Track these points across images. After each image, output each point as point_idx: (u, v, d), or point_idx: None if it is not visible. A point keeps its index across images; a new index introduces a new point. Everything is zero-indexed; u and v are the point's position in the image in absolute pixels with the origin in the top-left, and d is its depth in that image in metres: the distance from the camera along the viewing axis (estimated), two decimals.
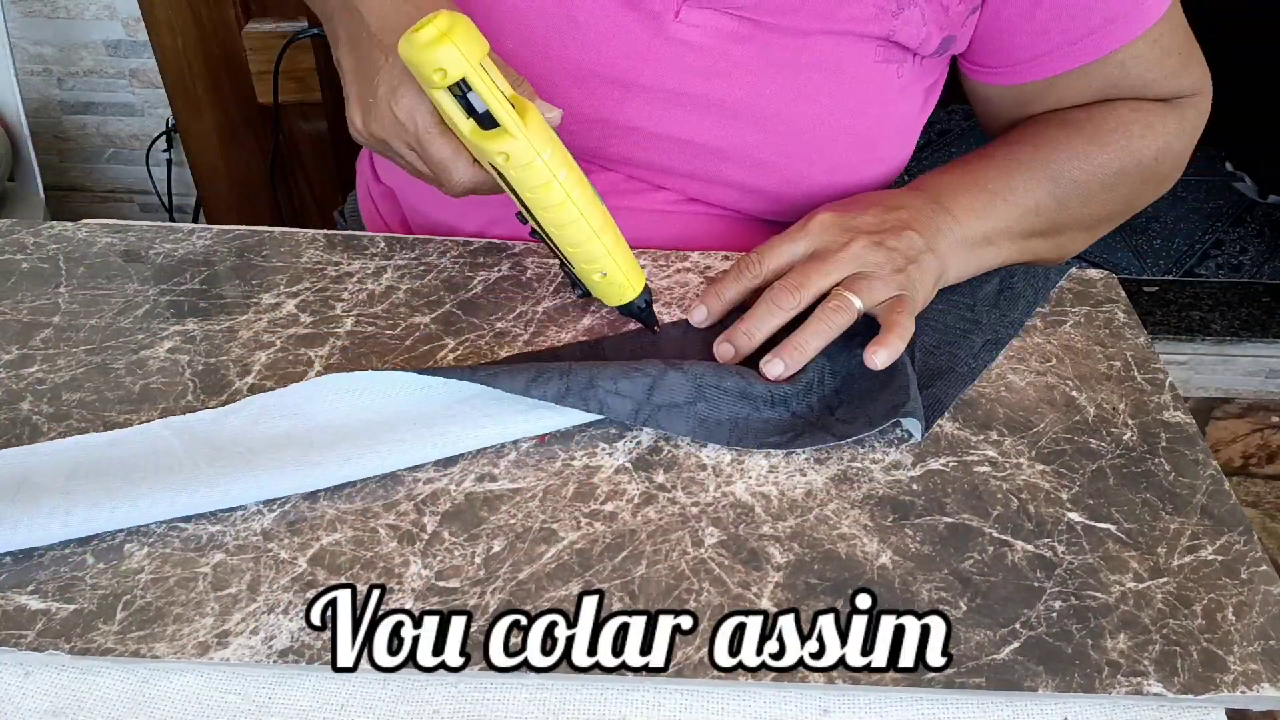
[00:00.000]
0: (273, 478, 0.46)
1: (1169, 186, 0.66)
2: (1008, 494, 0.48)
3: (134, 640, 0.41)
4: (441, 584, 0.43)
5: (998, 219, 0.60)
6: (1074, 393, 0.55)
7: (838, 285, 0.54)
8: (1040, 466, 0.50)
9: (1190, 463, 0.51)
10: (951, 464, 0.50)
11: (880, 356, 0.51)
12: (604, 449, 0.50)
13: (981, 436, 0.52)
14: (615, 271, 0.54)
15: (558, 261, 0.59)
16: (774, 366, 0.52)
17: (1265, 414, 1.69)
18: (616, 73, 0.62)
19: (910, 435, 0.51)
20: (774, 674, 0.40)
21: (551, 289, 0.61)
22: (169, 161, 1.71)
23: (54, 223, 0.66)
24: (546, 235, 0.53)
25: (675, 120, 0.63)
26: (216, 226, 0.66)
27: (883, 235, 0.55)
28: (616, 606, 0.43)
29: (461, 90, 0.46)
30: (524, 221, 0.54)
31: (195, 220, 1.74)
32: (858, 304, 0.53)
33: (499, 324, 0.58)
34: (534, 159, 0.48)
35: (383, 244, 0.64)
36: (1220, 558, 0.46)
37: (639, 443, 0.51)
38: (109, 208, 1.79)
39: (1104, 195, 0.63)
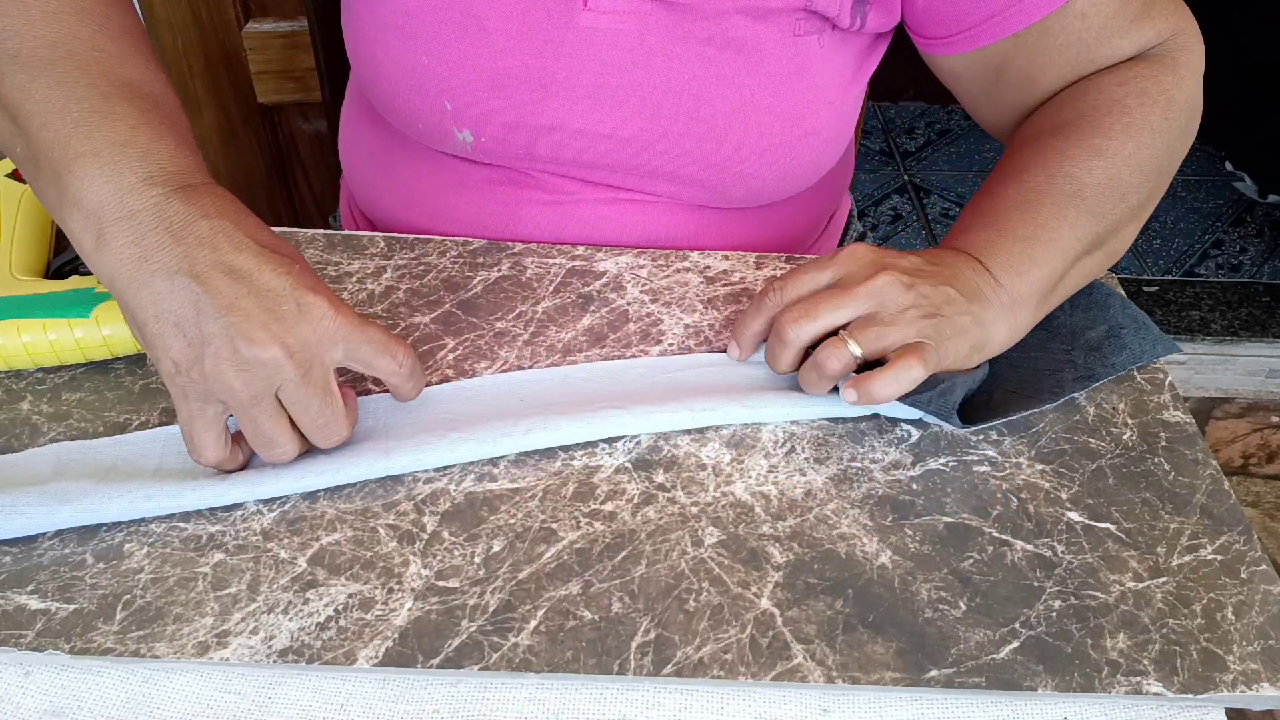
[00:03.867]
0: (350, 464, 0.48)
1: (1193, 135, 0.61)
2: (1007, 494, 0.48)
3: (134, 640, 0.41)
4: (441, 584, 0.43)
5: (1039, 266, 0.53)
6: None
7: (845, 327, 0.50)
8: (1040, 466, 0.50)
9: (1190, 462, 0.51)
10: (951, 464, 0.50)
11: (849, 394, 0.48)
12: (603, 449, 0.50)
13: (981, 436, 0.52)
14: None
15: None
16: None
17: (1265, 414, 1.69)
18: (532, 74, 0.62)
19: (909, 436, 0.51)
20: (774, 674, 0.40)
21: (551, 289, 0.61)
22: None
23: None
24: None
25: (598, 116, 0.63)
26: None
27: (916, 279, 0.50)
28: (616, 607, 0.43)
29: None
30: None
31: None
32: (855, 351, 0.49)
33: (499, 324, 0.58)
34: None
35: (382, 244, 0.64)
36: (1220, 557, 0.46)
37: (638, 442, 0.50)
38: None
39: (1137, 181, 0.57)
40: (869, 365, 0.50)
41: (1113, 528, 0.47)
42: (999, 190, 0.57)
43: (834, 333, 0.50)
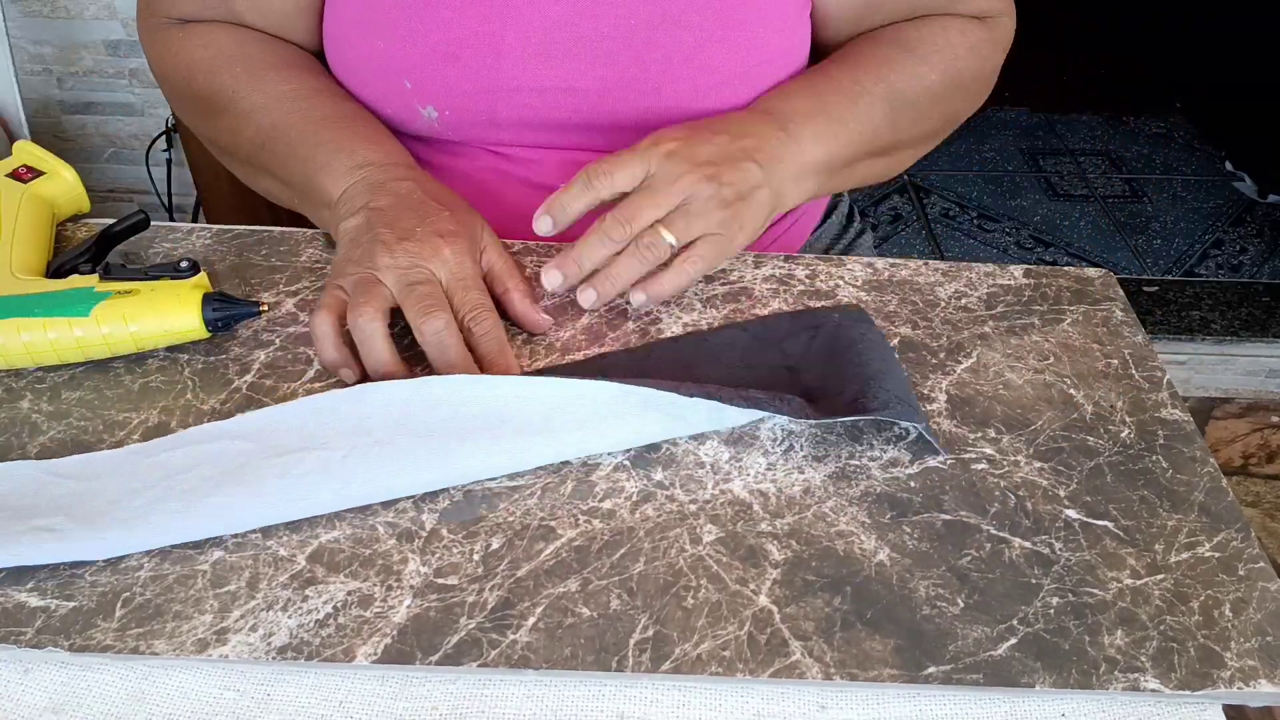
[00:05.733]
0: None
1: (980, 102, 0.72)
2: (1005, 491, 0.49)
3: (133, 637, 0.41)
4: (440, 581, 0.44)
5: (839, 145, 0.62)
6: (1072, 390, 0.55)
7: (659, 220, 0.56)
8: (1038, 464, 0.50)
9: (1188, 460, 0.51)
10: (949, 461, 0.50)
11: (636, 297, 0.56)
12: None
13: (979, 434, 0.52)
14: None
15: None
16: (587, 295, 0.56)
17: (1265, 414, 1.69)
18: (482, 40, 0.63)
19: (908, 434, 0.51)
20: (772, 670, 0.40)
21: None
22: (169, 161, 1.71)
23: None
24: None
25: (551, 71, 0.64)
26: (216, 226, 0.66)
27: (719, 168, 0.56)
28: (615, 604, 0.43)
29: None
30: None
31: (195, 220, 1.74)
32: (669, 239, 0.55)
33: None
34: None
35: None
36: (1217, 554, 0.46)
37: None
38: (109, 208, 1.79)
39: (932, 112, 0.67)
40: None
41: (1110, 525, 0.47)
42: (832, 72, 0.65)
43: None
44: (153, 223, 0.64)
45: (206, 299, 0.54)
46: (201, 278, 0.55)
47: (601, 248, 0.55)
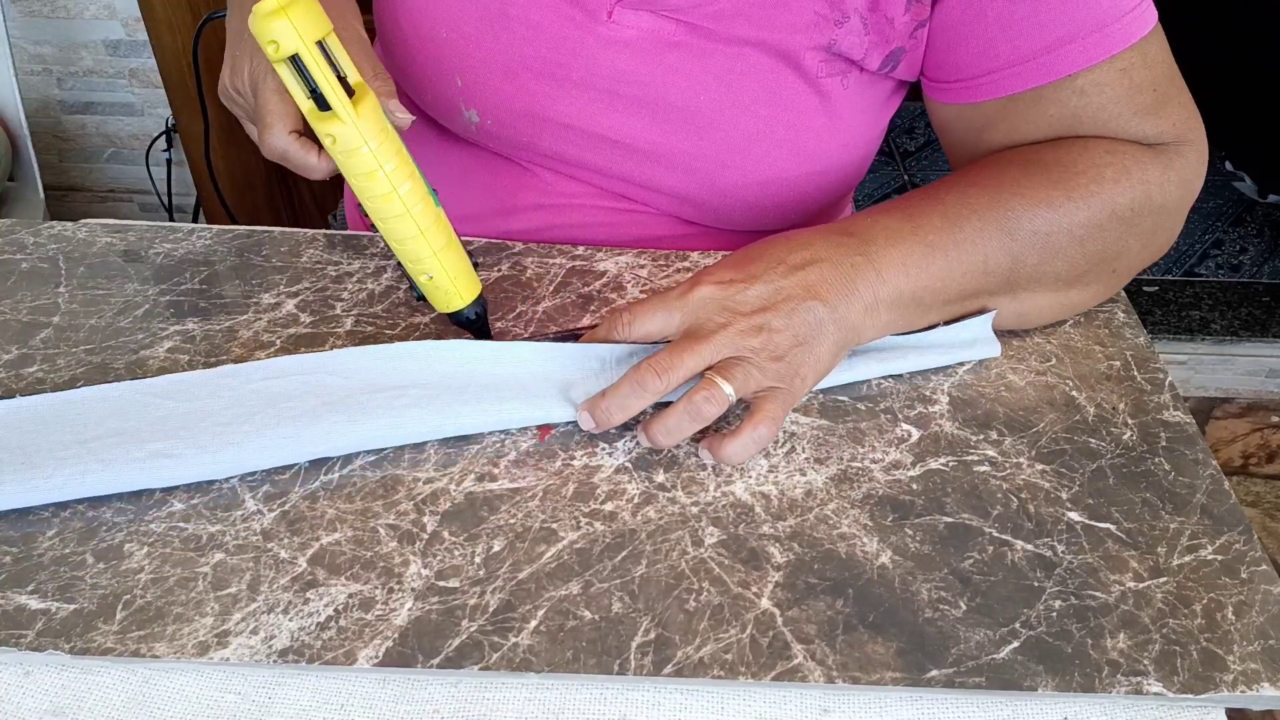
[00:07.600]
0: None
1: (1158, 246, 0.58)
2: (1008, 493, 0.48)
3: (134, 640, 0.41)
4: (441, 584, 0.43)
5: (932, 276, 0.52)
6: (1074, 392, 0.55)
7: (710, 369, 0.49)
8: (1040, 466, 0.50)
9: (1190, 462, 0.51)
10: (951, 463, 0.50)
11: (726, 450, 0.48)
12: (604, 449, 0.50)
13: (981, 436, 0.52)
14: (442, 276, 0.52)
15: (397, 262, 0.57)
16: (643, 440, 0.50)
17: (1265, 414, 1.69)
18: (546, 67, 0.62)
19: (909, 436, 0.51)
20: (774, 674, 0.40)
21: (551, 289, 0.61)
22: (169, 161, 1.71)
23: (54, 222, 0.66)
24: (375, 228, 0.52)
25: (606, 119, 0.63)
26: (216, 226, 0.66)
27: (767, 314, 0.49)
28: (616, 607, 0.43)
29: (299, 68, 0.46)
30: (363, 215, 0.52)
31: (195, 220, 1.74)
32: (728, 391, 0.48)
33: (499, 324, 0.58)
34: (360, 146, 0.47)
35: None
36: (1220, 557, 0.46)
37: (639, 442, 0.50)
38: (109, 208, 1.79)
39: (1072, 250, 0.54)
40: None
41: (1113, 528, 0.47)
42: (942, 194, 0.55)
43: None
44: (153, 223, 0.64)
45: (480, 297, 0.55)
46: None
47: (636, 400, 0.49)
